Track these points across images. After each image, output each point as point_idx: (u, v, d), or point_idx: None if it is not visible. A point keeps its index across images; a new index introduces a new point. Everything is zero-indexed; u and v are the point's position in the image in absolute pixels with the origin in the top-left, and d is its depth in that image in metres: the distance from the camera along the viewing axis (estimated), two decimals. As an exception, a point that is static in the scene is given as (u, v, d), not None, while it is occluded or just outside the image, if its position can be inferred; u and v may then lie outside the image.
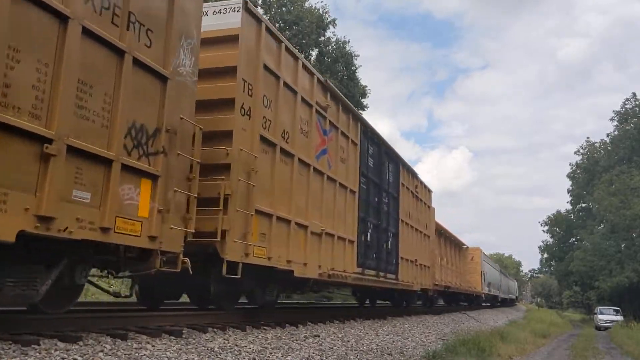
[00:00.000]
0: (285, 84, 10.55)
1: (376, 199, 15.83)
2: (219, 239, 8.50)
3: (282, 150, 10.37)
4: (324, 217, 12.08)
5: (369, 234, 14.86)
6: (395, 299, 20.97)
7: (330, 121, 12.66)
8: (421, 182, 22.39)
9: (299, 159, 10.99)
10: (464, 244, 37.64)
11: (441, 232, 29.43)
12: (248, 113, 9.34)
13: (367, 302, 21.29)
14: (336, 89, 13.15)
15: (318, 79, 12.13)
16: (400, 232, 18.14)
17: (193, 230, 7.78)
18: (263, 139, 9.73)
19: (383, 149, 16.70)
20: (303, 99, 11.27)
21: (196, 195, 7.87)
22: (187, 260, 7.70)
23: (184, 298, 11.09)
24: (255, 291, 10.44)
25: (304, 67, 11.50)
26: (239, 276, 8.78)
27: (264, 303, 11.00)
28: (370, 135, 15.69)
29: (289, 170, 10.67)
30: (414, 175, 21.09)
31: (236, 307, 10.73)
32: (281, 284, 11.23)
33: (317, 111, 11.95)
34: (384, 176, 16.67)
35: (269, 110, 10.00)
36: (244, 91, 9.25)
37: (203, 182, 8.66)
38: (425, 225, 22.49)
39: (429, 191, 24.25)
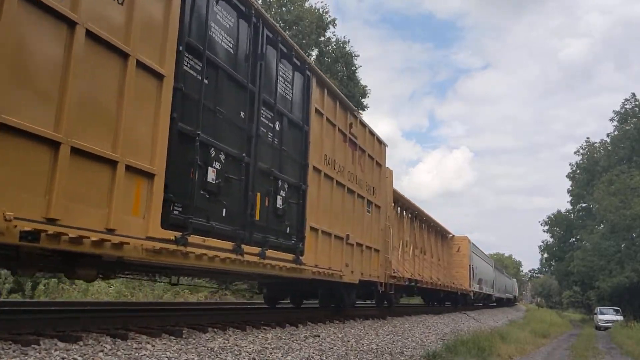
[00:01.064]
0: None
1: (241, 114, 7.40)
2: None
3: None
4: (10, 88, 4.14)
5: (212, 170, 6.63)
6: (322, 296, 12.19)
7: None
8: (364, 124, 12.66)
9: None
10: (449, 233, 26.83)
11: (415, 214, 19.83)
12: None
13: (287, 300, 13.08)
14: None
15: None
16: (311, 186, 9.47)
17: None
18: None
19: (263, 31, 7.99)
20: None
21: None
22: None
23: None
24: None
25: None
26: None
27: None
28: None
29: None
30: (345, 106, 11.42)
31: None
32: None
33: None
34: (267, 80, 8.18)
35: None
36: None
37: None
38: (371, 189, 13.01)
39: (380, 142, 14.08)
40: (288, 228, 8.78)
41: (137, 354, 5.23)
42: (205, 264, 6.53)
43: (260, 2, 33.17)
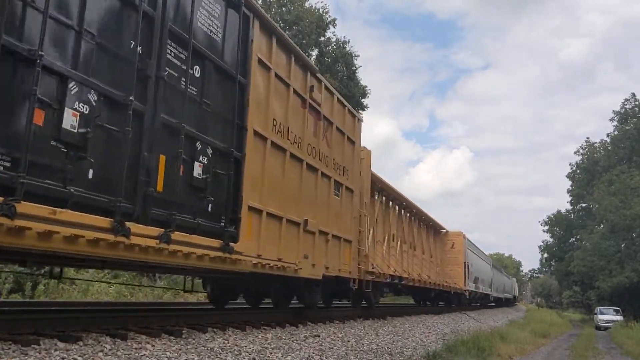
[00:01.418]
0: None
1: (132, 44, 5.56)
2: None
3: None
4: None
5: (72, 114, 4.82)
6: (277, 294, 10.65)
7: None
8: (330, 92, 10.77)
9: None
10: (443, 228, 25.04)
11: (404, 206, 18.45)
12: None
13: (242, 298, 11.78)
14: None
15: None
16: (251, 156, 7.64)
17: None
18: None
19: None
20: None
21: None
22: None
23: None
24: None
25: None
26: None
27: None
28: None
29: None
30: (305, 64, 9.55)
31: None
32: None
33: None
34: (179, 7, 6.36)
35: None
36: None
37: None
38: (340, 169, 11.17)
39: (354, 116, 12.16)
40: (211, 205, 6.78)
41: (137, 354, 5.17)
42: (61, 247, 4.71)
43: (260, 2, 33.13)
